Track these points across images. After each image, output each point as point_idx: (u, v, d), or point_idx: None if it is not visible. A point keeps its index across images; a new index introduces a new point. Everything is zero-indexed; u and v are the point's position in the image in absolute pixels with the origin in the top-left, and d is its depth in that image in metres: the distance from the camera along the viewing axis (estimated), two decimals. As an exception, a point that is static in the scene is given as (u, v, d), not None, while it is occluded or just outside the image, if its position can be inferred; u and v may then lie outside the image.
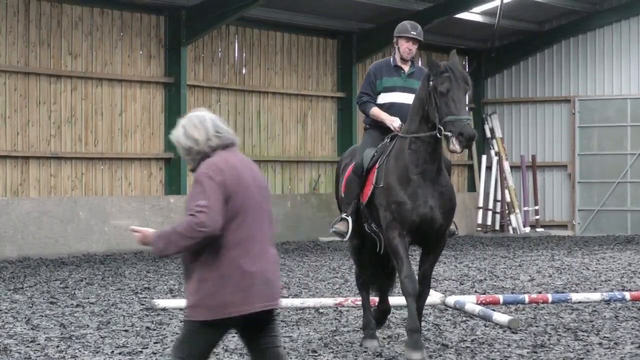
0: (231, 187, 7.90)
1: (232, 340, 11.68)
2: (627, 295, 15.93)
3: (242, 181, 8.02)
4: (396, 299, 14.41)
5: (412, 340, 11.12)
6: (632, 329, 13.10)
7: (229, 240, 7.74)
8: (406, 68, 12.72)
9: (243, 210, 7.88)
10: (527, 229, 36.16)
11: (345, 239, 12.51)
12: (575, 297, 15.86)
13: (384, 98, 12.70)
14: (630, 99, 35.89)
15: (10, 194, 25.67)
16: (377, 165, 12.09)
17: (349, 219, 12.37)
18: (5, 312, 14.80)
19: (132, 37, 28.62)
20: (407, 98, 12.37)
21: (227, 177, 8.05)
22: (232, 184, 7.94)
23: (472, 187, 37.37)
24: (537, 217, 36.56)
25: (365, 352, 11.62)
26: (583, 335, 12.61)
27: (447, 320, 13.99)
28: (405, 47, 12.61)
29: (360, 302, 15.26)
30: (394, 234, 11.66)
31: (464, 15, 33.88)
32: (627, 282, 19.08)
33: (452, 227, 12.18)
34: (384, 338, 12.65)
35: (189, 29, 28.98)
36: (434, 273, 20.38)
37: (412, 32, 12.59)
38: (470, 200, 36.33)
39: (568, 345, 11.89)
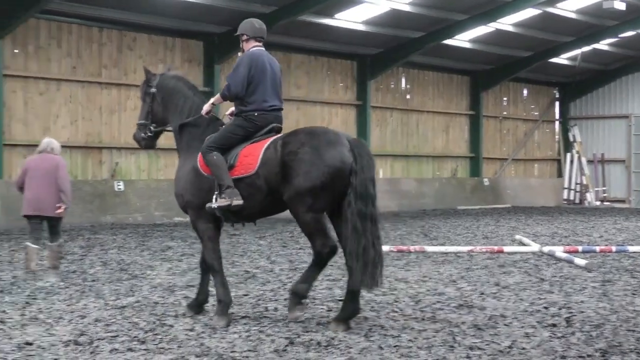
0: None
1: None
2: (667, 248, 15.43)
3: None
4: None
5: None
6: (671, 270, 12.66)
7: None
8: None
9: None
10: (598, 203, 35.39)
11: None
12: (631, 248, 15.40)
13: None
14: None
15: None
16: None
17: None
18: (253, 252, 15.01)
19: (335, 75, 28.78)
20: None
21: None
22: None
23: (560, 174, 36.70)
24: (605, 194, 35.85)
25: (488, 282, 11.42)
26: (637, 274, 12.21)
27: (543, 263, 13.69)
28: None
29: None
30: None
31: (556, 60, 33.21)
32: (667, 239, 18.47)
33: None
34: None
35: (372, 70, 29.04)
36: (533, 231, 20.21)
37: None
38: (559, 183, 35.83)
39: (627, 281, 11.53)
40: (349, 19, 25.98)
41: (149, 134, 9.11)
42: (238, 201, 8.24)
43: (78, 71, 22.34)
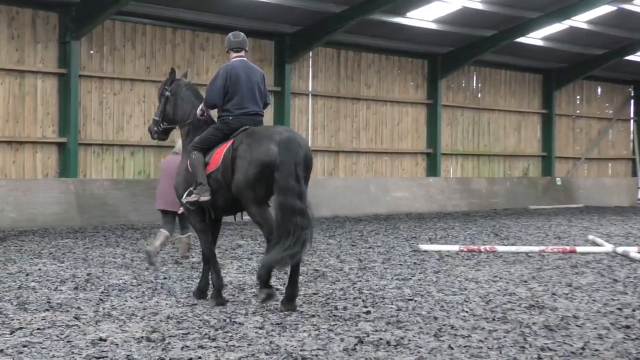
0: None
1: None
2: None
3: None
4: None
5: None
6: None
7: None
8: None
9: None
10: (673, 203, 34.78)
11: None
12: None
13: None
14: None
15: (326, 174, 26.14)
16: None
17: None
18: (323, 251, 15.01)
19: (405, 74, 28.67)
20: None
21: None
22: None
23: (634, 173, 36.07)
24: (681, 194, 35.21)
25: (560, 283, 11.25)
26: None
27: (617, 263, 13.46)
28: None
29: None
30: None
31: (632, 57, 32.62)
32: None
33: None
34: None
35: (443, 69, 28.88)
36: (606, 231, 19.88)
37: None
38: (633, 183, 35.21)
39: (703, 283, 11.29)
40: (420, 18, 25.87)
41: (160, 129, 10.48)
42: (205, 197, 9.23)
43: (152, 71, 22.63)
